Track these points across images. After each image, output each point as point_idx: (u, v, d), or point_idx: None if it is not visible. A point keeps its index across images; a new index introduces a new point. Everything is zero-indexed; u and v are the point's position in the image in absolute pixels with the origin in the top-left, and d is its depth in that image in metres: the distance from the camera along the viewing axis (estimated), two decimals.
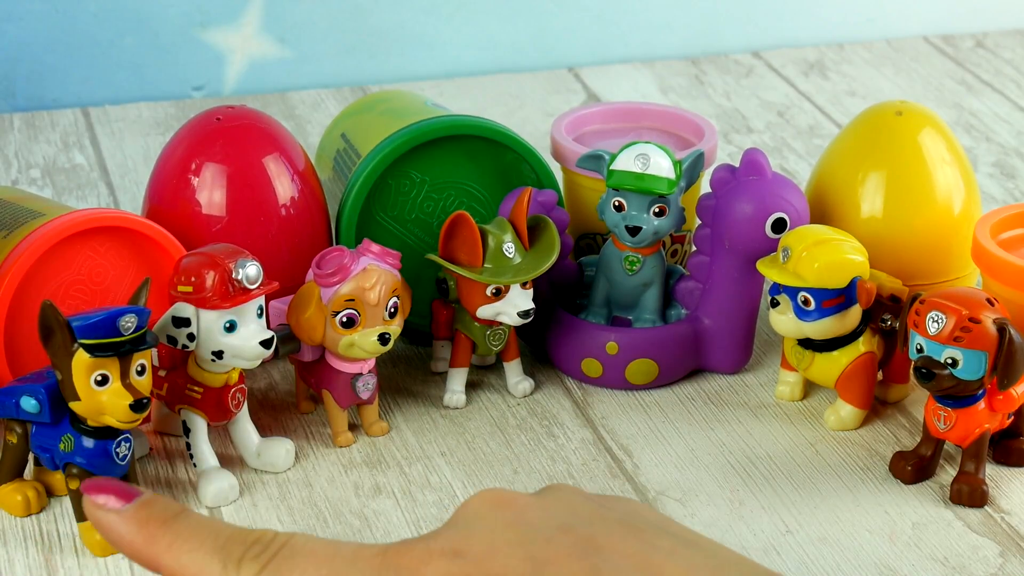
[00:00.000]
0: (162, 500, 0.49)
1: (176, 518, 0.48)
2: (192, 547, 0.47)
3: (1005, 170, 1.15)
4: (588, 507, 0.50)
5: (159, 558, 0.47)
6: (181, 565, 0.47)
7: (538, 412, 0.85)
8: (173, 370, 0.78)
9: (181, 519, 0.48)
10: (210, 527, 0.48)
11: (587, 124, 0.96)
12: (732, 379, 0.88)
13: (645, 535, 0.49)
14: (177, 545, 0.48)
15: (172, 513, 0.48)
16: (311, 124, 1.21)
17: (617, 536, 0.48)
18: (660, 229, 0.84)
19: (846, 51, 1.37)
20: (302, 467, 0.80)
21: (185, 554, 0.47)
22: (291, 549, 0.47)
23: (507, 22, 1.32)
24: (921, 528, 0.75)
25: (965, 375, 0.74)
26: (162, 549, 0.48)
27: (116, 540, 0.48)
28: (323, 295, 0.78)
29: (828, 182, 0.89)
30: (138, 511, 0.48)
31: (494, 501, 0.49)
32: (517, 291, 0.82)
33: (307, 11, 1.27)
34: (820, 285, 0.79)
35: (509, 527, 0.48)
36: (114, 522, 0.48)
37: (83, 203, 1.08)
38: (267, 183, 0.85)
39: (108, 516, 0.48)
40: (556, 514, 0.49)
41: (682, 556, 0.48)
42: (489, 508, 0.49)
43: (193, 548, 0.47)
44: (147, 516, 0.48)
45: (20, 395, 0.73)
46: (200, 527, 0.48)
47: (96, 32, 1.24)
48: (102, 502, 0.48)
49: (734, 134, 1.21)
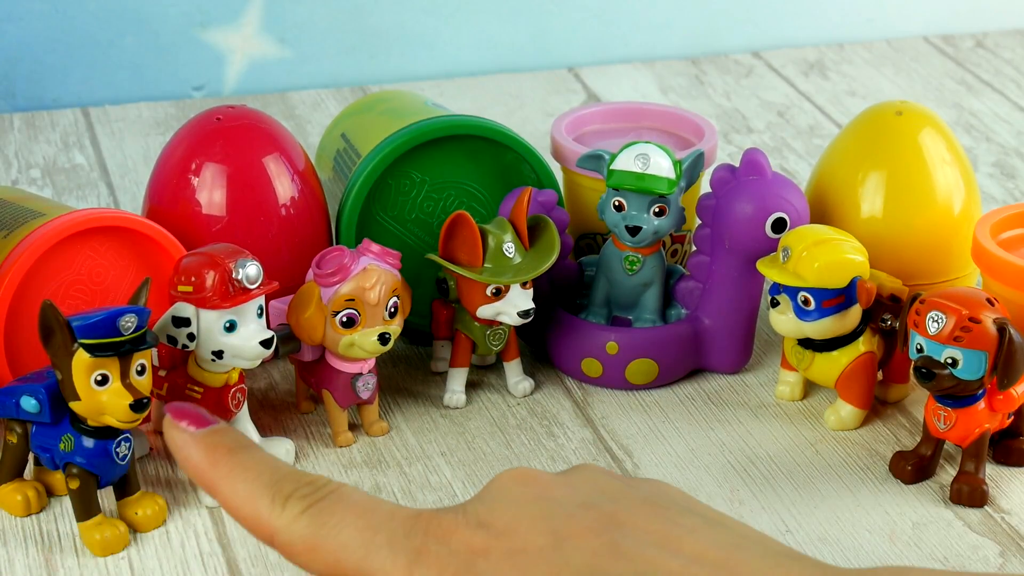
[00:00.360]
0: (233, 432, 0.51)
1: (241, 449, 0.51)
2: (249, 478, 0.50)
3: (1005, 170, 1.15)
4: (613, 485, 0.51)
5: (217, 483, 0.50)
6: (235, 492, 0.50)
7: (538, 412, 0.85)
8: (173, 370, 0.78)
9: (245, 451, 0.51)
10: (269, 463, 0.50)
11: (587, 124, 0.96)
12: (732, 379, 0.88)
13: (668, 513, 0.50)
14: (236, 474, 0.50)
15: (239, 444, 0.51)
16: (311, 124, 1.21)
17: (639, 513, 0.49)
18: (660, 229, 0.84)
19: (846, 51, 1.37)
20: (302, 467, 0.80)
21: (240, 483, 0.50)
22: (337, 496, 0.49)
23: (507, 22, 1.32)
24: (921, 528, 0.75)
25: (965, 375, 0.74)
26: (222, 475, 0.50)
27: (184, 459, 0.51)
28: (323, 295, 0.78)
29: (828, 182, 0.89)
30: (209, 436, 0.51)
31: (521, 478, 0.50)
32: (517, 291, 0.82)
33: (307, 11, 1.27)
34: (820, 285, 0.79)
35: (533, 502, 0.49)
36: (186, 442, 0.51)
37: (83, 203, 1.08)
38: (267, 183, 0.85)
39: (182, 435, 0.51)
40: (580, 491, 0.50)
41: (703, 533, 0.49)
42: (515, 484, 0.50)
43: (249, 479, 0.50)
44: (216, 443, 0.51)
45: (20, 395, 0.73)
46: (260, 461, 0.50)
47: (96, 32, 1.24)
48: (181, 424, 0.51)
49: (734, 134, 1.21)
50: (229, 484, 0.50)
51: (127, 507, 0.75)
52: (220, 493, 0.50)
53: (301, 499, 0.50)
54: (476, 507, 0.49)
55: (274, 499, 0.50)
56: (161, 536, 0.75)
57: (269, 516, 0.50)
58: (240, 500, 0.50)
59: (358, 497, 0.50)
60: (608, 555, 0.48)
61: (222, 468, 0.50)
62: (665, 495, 0.51)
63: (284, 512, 0.49)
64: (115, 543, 0.73)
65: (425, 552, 0.48)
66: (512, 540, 0.48)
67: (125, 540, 0.74)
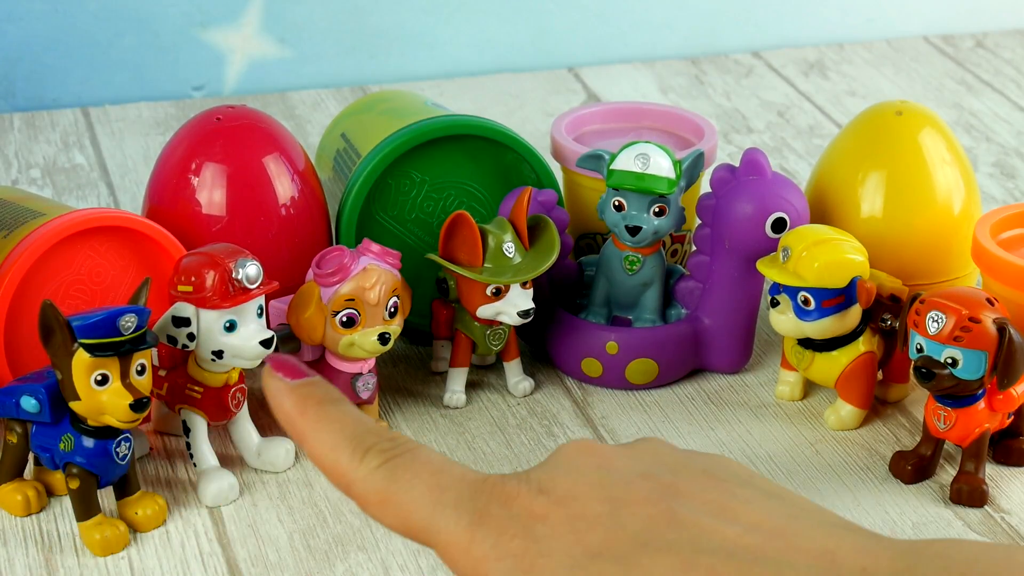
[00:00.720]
0: (325, 385, 0.53)
1: (330, 402, 0.52)
2: (333, 429, 0.52)
3: (1005, 170, 1.15)
4: (673, 457, 0.52)
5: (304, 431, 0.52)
6: (319, 441, 0.51)
7: (538, 412, 0.85)
8: (173, 370, 0.78)
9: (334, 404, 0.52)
10: (355, 417, 0.52)
11: (587, 124, 0.96)
12: (732, 379, 0.88)
13: (726, 484, 0.51)
14: (322, 424, 0.52)
15: (329, 397, 0.52)
16: (311, 124, 1.21)
17: (697, 484, 0.51)
18: (660, 229, 0.84)
19: (846, 51, 1.37)
20: (302, 467, 0.80)
21: (325, 433, 0.51)
22: (413, 454, 0.51)
23: (507, 22, 1.32)
24: (921, 528, 0.75)
25: (965, 375, 0.74)
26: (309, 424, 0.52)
27: (276, 407, 0.53)
28: (323, 295, 0.78)
29: (828, 182, 0.89)
30: (301, 387, 0.53)
31: (584, 448, 0.52)
32: (517, 291, 0.82)
33: (307, 11, 1.27)
34: (820, 285, 0.79)
35: (593, 471, 0.51)
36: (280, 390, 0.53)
37: (83, 203, 1.08)
38: (267, 183, 0.85)
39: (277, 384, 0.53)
40: (640, 462, 0.52)
41: (760, 504, 0.50)
42: (578, 454, 0.52)
43: (334, 430, 0.52)
44: (307, 394, 0.52)
45: (20, 395, 0.73)
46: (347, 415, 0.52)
47: (96, 32, 1.24)
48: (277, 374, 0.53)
49: (734, 134, 1.21)
50: (314, 434, 0.52)
51: (127, 507, 0.75)
52: (306, 442, 0.52)
53: (380, 453, 0.51)
54: (539, 474, 0.51)
55: (354, 451, 0.51)
56: (161, 536, 0.75)
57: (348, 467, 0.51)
58: (323, 449, 0.52)
59: (433, 457, 0.51)
60: (663, 522, 0.49)
61: (310, 418, 0.52)
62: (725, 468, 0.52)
63: (362, 464, 0.51)
64: (115, 543, 0.73)
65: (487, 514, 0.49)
66: (571, 506, 0.49)
67: (125, 540, 0.74)
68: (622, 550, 0.48)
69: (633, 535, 0.48)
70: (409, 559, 0.73)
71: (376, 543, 0.74)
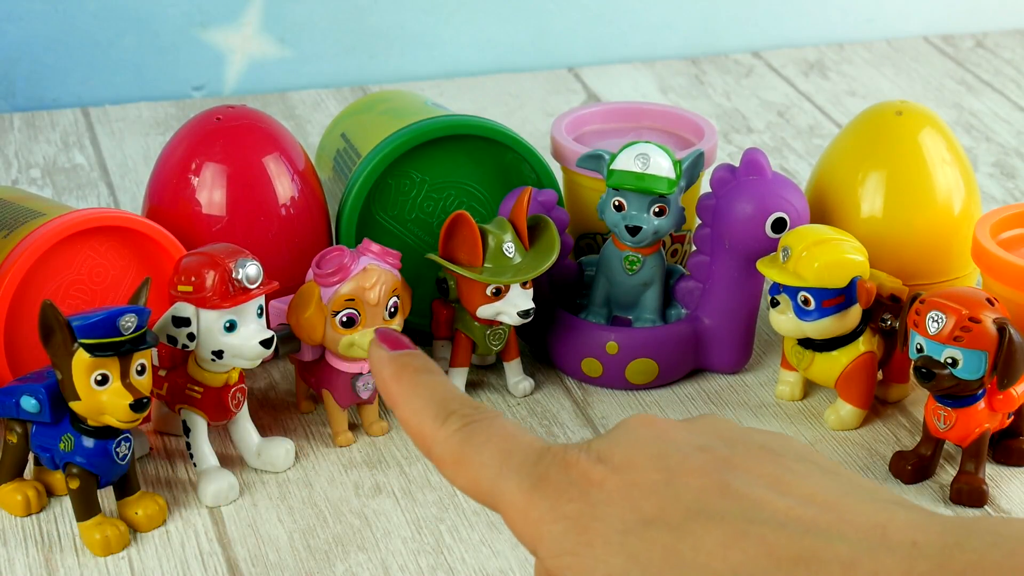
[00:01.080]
0: (424, 357, 0.56)
1: (426, 372, 0.56)
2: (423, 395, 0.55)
3: (1005, 170, 1.15)
4: (733, 432, 0.54)
5: (397, 397, 0.55)
6: (410, 406, 0.55)
7: (538, 412, 0.85)
8: (173, 370, 0.78)
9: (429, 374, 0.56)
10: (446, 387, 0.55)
11: (587, 124, 0.96)
12: (732, 379, 0.88)
13: (782, 459, 0.52)
14: (415, 391, 0.55)
15: (425, 368, 0.56)
16: (311, 124, 1.21)
17: (753, 457, 0.52)
18: (660, 229, 0.84)
19: (846, 51, 1.37)
20: (302, 467, 0.80)
21: (416, 399, 0.55)
22: (490, 421, 0.54)
23: (507, 22, 1.32)
24: None
25: (965, 375, 0.74)
26: (403, 390, 0.55)
27: (376, 374, 0.56)
28: (323, 295, 0.78)
29: (828, 182, 0.89)
30: (401, 357, 0.56)
31: (645, 421, 0.54)
32: (517, 291, 0.82)
33: (307, 11, 1.27)
34: (820, 285, 0.79)
35: (652, 442, 0.53)
36: (381, 359, 0.56)
37: (83, 203, 1.08)
38: (267, 183, 0.85)
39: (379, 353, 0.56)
40: (699, 435, 0.53)
41: (815, 478, 0.51)
42: (639, 425, 0.54)
43: (423, 396, 0.55)
44: (405, 363, 0.56)
45: (20, 395, 0.73)
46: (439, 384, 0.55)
47: (96, 32, 1.24)
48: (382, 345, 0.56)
49: (734, 134, 1.21)
50: (406, 399, 0.55)
51: (127, 507, 0.75)
52: (397, 406, 0.55)
53: (460, 418, 0.54)
54: (599, 444, 0.53)
55: (437, 415, 0.54)
56: (161, 536, 0.75)
57: (431, 429, 0.54)
58: (411, 413, 0.55)
59: (508, 425, 0.54)
60: (716, 492, 0.50)
61: (404, 384, 0.55)
62: (783, 443, 0.53)
63: (443, 427, 0.54)
64: (115, 543, 0.73)
65: (546, 479, 0.52)
66: (627, 474, 0.51)
67: (125, 540, 0.74)
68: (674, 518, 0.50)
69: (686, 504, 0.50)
70: (409, 559, 0.73)
71: (376, 543, 0.74)
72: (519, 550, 0.74)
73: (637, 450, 0.52)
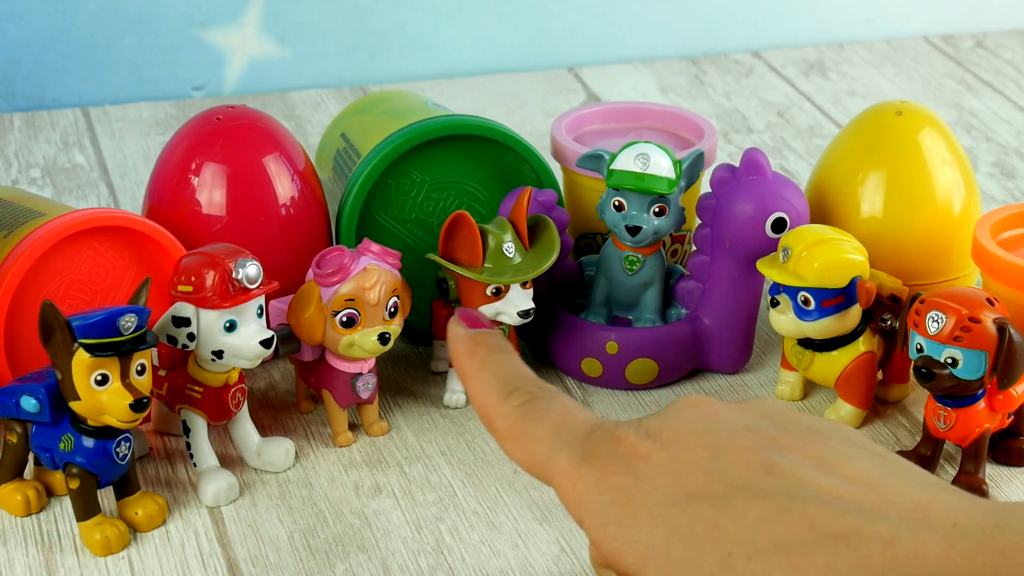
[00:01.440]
0: (499, 337, 0.59)
1: (499, 351, 0.58)
2: (492, 372, 0.57)
3: (1005, 170, 1.15)
4: (783, 414, 0.55)
5: (469, 372, 0.58)
6: (479, 381, 0.57)
7: None
8: (173, 370, 0.78)
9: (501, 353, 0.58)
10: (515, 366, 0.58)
11: (587, 124, 0.96)
12: (732, 379, 0.88)
13: (829, 441, 0.53)
14: (484, 367, 0.58)
15: (499, 347, 0.59)
16: (311, 124, 1.21)
17: (800, 438, 0.53)
18: (660, 229, 0.84)
19: (846, 51, 1.37)
20: (302, 467, 0.80)
21: (485, 374, 0.57)
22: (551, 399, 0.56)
23: (507, 22, 1.32)
24: None
25: (965, 375, 0.74)
26: (475, 366, 0.58)
27: (452, 348, 0.59)
28: (323, 295, 0.78)
29: (828, 182, 0.89)
30: (477, 335, 0.59)
31: (696, 401, 0.56)
32: (517, 291, 0.82)
33: (307, 11, 1.27)
34: (820, 285, 0.79)
35: (700, 420, 0.54)
36: (459, 335, 0.59)
37: (83, 203, 1.08)
38: (267, 183, 0.85)
39: (458, 330, 0.59)
40: (748, 417, 0.55)
41: (860, 460, 0.52)
42: (689, 405, 0.55)
43: (492, 373, 0.57)
44: (480, 341, 0.59)
45: (20, 395, 0.73)
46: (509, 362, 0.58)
47: (96, 32, 1.24)
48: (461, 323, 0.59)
49: (734, 134, 1.21)
50: (476, 374, 0.58)
51: (127, 507, 0.75)
52: (468, 381, 0.58)
53: (523, 394, 0.56)
54: (649, 421, 0.55)
55: (502, 391, 0.57)
56: (161, 536, 0.75)
57: (495, 404, 0.57)
58: (479, 388, 0.57)
59: (567, 402, 0.56)
60: (761, 471, 0.51)
61: (476, 361, 0.58)
62: (832, 427, 0.55)
63: (505, 403, 0.56)
64: (115, 543, 0.73)
65: (595, 453, 0.54)
66: (674, 450, 0.53)
67: (125, 540, 0.74)
68: (718, 493, 0.51)
69: (730, 480, 0.51)
70: (409, 559, 0.73)
71: (376, 543, 0.74)
72: (519, 550, 0.74)
73: (685, 428, 0.54)
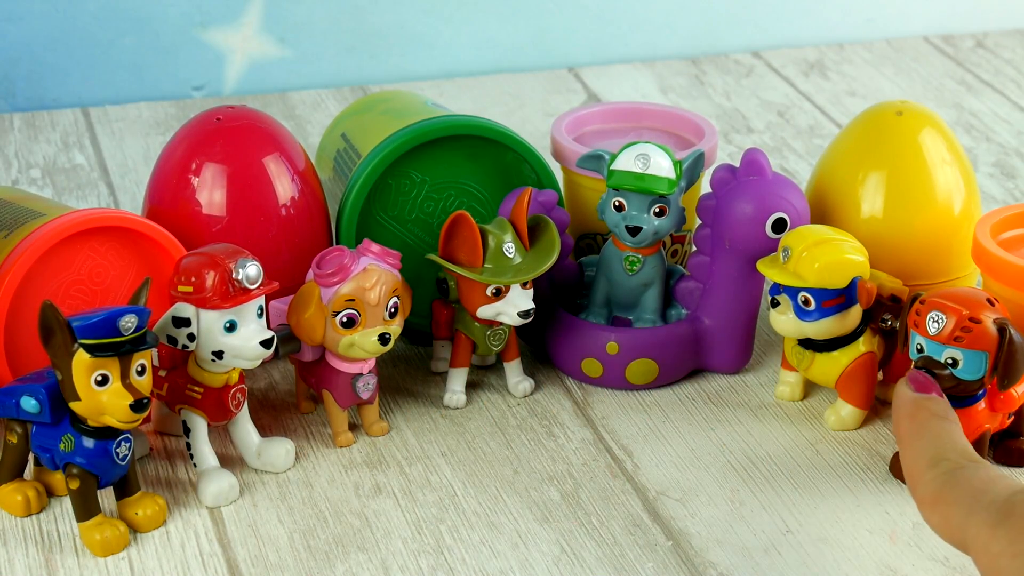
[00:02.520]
0: (944, 404, 0.60)
1: (940, 419, 0.59)
2: (928, 438, 0.58)
3: (1005, 170, 1.15)
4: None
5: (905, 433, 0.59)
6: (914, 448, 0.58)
7: (538, 412, 0.85)
8: (173, 370, 0.78)
9: (944, 421, 0.59)
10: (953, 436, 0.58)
11: (587, 124, 0.96)
12: (732, 379, 0.88)
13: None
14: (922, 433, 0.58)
15: (942, 415, 0.60)
16: (311, 124, 1.21)
17: None
18: (660, 229, 0.84)
19: (846, 51, 1.37)
20: (302, 467, 0.80)
21: (921, 440, 0.58)
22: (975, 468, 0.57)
23: (507, 22, 1.32)
24: (921, 528, 0.75)
25: (965, 375, 0.74)
26: (914, 431, 0.59)
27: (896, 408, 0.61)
28: (323, 295, 0.78)
29: (828, 182, 0.89)
30: (924, 400, 0.60)
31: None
32: (517, 291, 0.82)
33: (307, 11, 1.27)
34: (820, 285, 0.79)
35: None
36: (905, 396, 0.62)
37: (83, 203, 1.09)
38: (267, 183, 0.85)
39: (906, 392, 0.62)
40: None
41: None
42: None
43: (928, 439, 0.58)
44: (924, 406, 0.60)
45: (20, 395, 0.73)
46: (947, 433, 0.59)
47: (96, 32, 1.24)
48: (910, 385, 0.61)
49: (734, 134, 1.21)
50: (911, 439, 0.59)
51: (127, 507, 0.75)
52: (903, 445, 0.59)
53: (950, 463, 0.57)
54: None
55: (932, 458, 0.57)
56: (161, 536, 0.75)
57: (920, 470, 0.57)
58: (911, 453, 0.58)
59: (991, 472, 0.57)
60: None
61: (916, 425, 0.59)
62: None
63: (931, 470, 0.57)
64: (115, 543, 0.73)
65: (1010, 516, 0.54)
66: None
67: (125, 540, 0.74)
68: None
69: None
70: (409, 559, 0.73)
71: (376, 543, 0.74)
72: (519, 550, 0.74)
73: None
